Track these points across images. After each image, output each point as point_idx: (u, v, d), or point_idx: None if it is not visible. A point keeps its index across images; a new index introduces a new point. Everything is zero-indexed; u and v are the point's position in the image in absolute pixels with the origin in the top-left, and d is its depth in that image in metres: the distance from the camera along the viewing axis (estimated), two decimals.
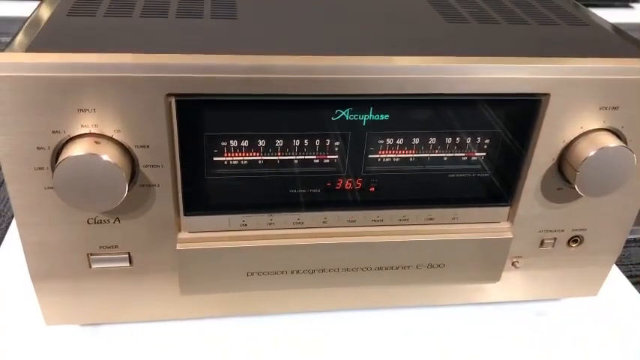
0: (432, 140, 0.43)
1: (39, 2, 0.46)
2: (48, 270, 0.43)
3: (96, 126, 0.37)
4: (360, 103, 0.40)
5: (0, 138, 0.37)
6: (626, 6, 1.57)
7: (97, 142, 0.37)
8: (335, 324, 0.52)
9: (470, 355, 0.50)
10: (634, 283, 0.60)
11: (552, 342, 0.52)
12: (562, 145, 0.43)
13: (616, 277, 0.59)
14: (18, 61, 0.35)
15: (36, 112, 0.36)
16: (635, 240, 0.66)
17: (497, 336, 0.52)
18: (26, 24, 0.42)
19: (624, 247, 0.65)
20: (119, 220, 0.42)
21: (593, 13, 0.53)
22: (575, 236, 0.49)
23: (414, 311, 0.53)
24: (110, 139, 0.38)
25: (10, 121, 0.36)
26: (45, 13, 0.43)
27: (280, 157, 0.42)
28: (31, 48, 0.37)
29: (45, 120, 0.37)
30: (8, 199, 0.60)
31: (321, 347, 0.50)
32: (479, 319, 0.53)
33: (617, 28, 0.49)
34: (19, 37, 0.39)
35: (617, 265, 0.61)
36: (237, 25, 0.44)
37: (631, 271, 0.63)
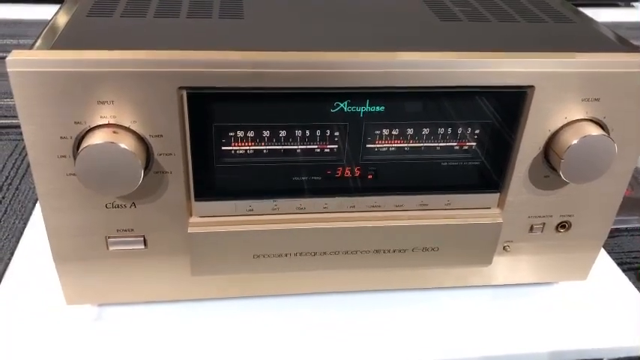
0: (426, 130, 0.46)
1: (60, 5, 0.50)
2: (69, 252, 0.47)
3: (114, 117, 0.41)
4: (358, 95, 0.43)
5: (27, 128, 0.40)
6: (629, 5, 1.59)
7: (115, 132, 0.41)
8: (334, 305, 0.54)
9: (463, 334, 0.53)
10: (625, 270, 0.63)
11: (544, 324, 0.54)
12: (547, 134, 0.46)
13: (606, 263, 0.61)
14: (43, 57, 0.39)
15: (59, 104, 0.40)
16: (627, 229, 0.69)
17: (489, 318, 0.54)
18: (49, 24, 0.45)
19: (616, 236, 0.68)
20: (135, 205, 0.45)
21: (581, 11, 0.55)
22: (563, 222, 0.51)
23: (410, 294, 0.56)
24: (127, 129, 0.41)
25: (36, 112, 0.40)
26: (66, 14, 0.47)
27: (284, 147, 0.45)
28: (55, 46, 0.41)
29: (67, 112, 0.40)
30: (32, 186, 0.63)
31: (321, 326, 0.53)
32: (472, 302, 0.56)
33: (601, 25, 0.52)
34: (44, 36, 0.43)
35: (608, 253, 0.63)
36: (244, 24, 0.47)
37: (622, 258, 0.65)
